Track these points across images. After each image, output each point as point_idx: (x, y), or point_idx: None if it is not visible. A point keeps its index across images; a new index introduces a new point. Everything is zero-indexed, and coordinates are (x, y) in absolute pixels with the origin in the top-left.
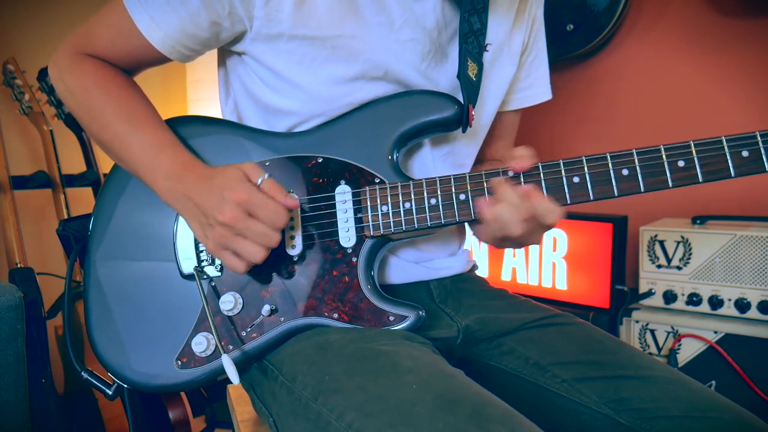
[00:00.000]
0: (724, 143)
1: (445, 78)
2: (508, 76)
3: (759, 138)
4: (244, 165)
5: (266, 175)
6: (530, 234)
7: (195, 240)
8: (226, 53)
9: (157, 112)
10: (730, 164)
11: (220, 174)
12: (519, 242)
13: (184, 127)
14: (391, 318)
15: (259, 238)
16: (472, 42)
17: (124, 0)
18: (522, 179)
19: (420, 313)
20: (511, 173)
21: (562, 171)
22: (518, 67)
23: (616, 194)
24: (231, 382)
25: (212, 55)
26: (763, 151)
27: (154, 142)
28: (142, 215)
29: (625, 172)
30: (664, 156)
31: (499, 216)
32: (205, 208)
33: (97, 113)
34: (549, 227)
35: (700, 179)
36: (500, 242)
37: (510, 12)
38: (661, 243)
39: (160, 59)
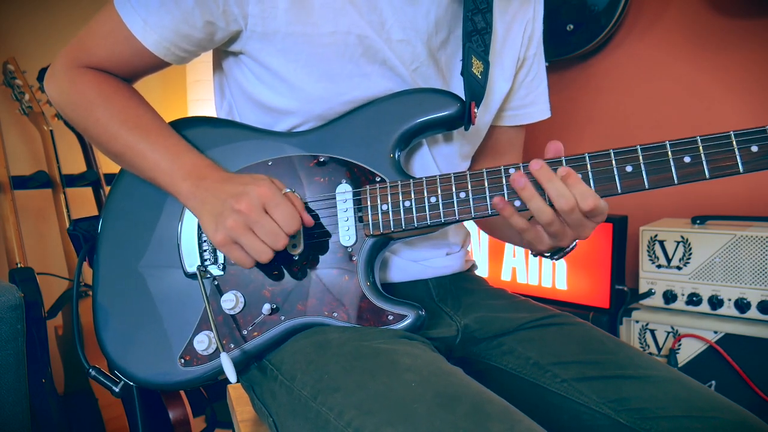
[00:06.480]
0: (733, 138)
1: (426, 84)
2: (504, 74)
3: None
4: (273, 178)
5: (291, 191)
6: (578, 226)
7: (198, 239)
8: (222, 55)
9: (162, 119)
10: (739, 160)
11: (247, 174)
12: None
13: (186, 129)
14: (390, 317)
15: (268, 236)
16: (476, 41)
17: (116, 6)
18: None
19: (420, 312)
20: (512, 170)
21: None
22: (518, 83)
23: (619, 191)
24: (230, 382)
25: (212, 55)
26: None
27: (169, 148)
28: (147, 216)
29: (628, 168)
30: (669, 152)
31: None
32: (223, 197)
33: (104, 125)
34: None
35: (707, 176)
36: (551, 238)
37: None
38: (661, 243)
39: (158, 64)
